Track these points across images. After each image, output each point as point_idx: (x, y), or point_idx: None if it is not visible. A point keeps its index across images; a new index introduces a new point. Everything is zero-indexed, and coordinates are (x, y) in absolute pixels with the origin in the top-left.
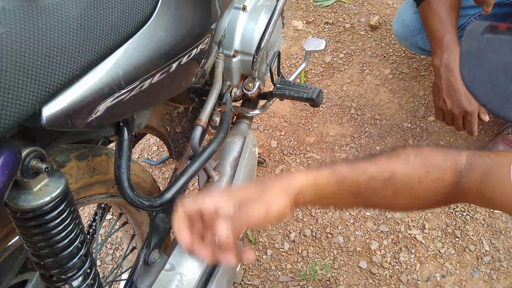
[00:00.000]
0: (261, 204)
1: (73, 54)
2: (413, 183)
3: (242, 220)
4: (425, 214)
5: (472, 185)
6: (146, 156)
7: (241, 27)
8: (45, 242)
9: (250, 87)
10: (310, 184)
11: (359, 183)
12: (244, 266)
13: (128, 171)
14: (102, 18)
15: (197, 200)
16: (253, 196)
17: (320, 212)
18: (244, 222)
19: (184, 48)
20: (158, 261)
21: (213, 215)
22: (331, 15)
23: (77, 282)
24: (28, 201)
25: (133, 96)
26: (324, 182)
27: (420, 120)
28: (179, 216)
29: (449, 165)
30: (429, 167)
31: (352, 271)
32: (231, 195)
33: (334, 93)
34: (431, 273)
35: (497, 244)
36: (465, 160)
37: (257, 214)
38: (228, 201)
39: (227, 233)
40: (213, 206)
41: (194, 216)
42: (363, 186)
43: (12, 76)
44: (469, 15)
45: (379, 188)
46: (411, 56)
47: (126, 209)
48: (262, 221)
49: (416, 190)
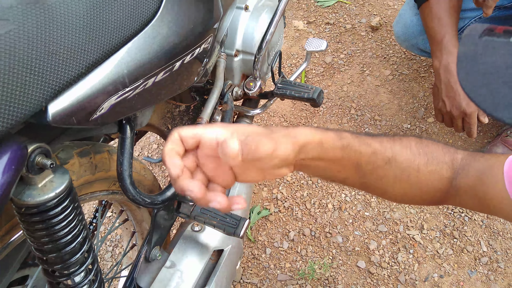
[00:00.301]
0: (269, 141)
1: (79, 52)
2: (411, 170)
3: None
4: (424, 214)
5: (466, 184)
6: (146, 154)
7: (243, 26)
8: (49, 237)
9: (251, 87)
10: (316, 141)
11: (362, 154)
12: (243, 264)
13: (130, 169)
14: (108, 17)
15: (196, 128)
16: (260, 132)
17: (319, 212)
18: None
19: (187, 47)
20: (159, 258)
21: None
22: (332, 16)
23: (79, 277)
24: (32, 197)
25: (137, 94)
26: (330, 143)
27: (420, 121)
28: (172, 140)
29: (447, 160)
30: (429, 157)
31: (351, 270)
32: (236, 128)
33: (334, 94)
34: (429, 273)
35: (495, 245)
36: (461, 158)
37: (265, 148)
38: (233, 134)
39: (236, 148)
40: (215, 136)
41: (189, 144)
42: (365, 158)
43: (19, 73)
44: (469, 18)
45: (379, 165)
46: (411, 58)
47: (127, 206)
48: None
49: (414, 178)
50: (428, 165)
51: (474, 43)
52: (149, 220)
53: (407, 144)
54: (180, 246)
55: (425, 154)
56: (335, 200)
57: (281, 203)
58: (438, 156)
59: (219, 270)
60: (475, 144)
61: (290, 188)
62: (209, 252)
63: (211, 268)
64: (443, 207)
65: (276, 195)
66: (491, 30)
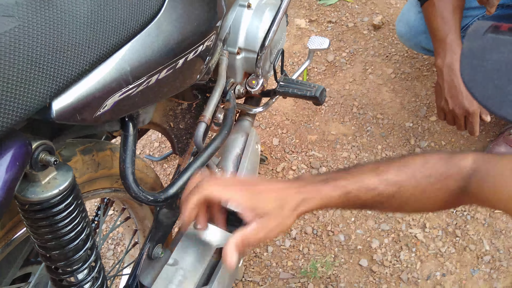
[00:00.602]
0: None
1: (83, 48)
2: (417, 194)
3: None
4: (426, 213)
5: (481, 188)
6: (148, 152)
7: (245, 24)
8: (52, 234)
9: (254, 85)
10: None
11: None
12: (246, 263)
13: (133, 166)
14: (111, 14)
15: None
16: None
17: (321, 210)
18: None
19: (190, 45)
20: (161, 255)
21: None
22: (334, 14)
23: (82, 275)
24: (36, 194)
25: (140, 92)
26: (328, 198)
27: (422, 120)
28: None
29: (453, 173)
30: (435, 176)
31: (353, 269)
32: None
33: (336, 92)
34: (431, 271)
35: (497, 243)
36: (470, 164)
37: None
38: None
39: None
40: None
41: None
42: (369, 201)
43: (24, 70)
44: (472, 16)
45: (385, 201)
46: (413, 56)
47: (129, 204)
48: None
49: (421, 199)
50: (434, 184)
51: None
52: (151, 218)
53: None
54: (182, 244)
55: (430, 176)
56: None
57: None
58: (443, 173)
59: (221, 269)
60: (478, 143)
61: None
62: (211, 250)
63: (213, 266)
64: None
65: None
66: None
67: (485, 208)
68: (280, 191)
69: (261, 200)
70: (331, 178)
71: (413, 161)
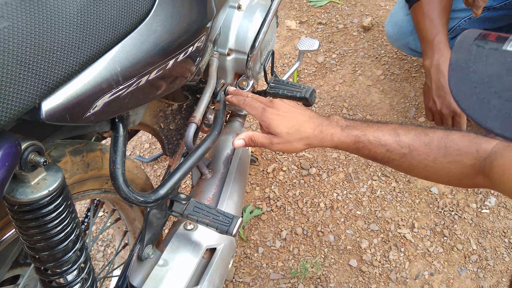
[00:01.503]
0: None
1: (73, 49)
2: (427, 162)
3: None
4: (415, 213)
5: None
6: (138, 154)
7: (236, 25)
8: (41, 235)
9: (244, 86)
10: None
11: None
12: (236, 264)
13: (123, 167)
14: (101, 14)
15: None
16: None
17: (311, 211)
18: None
19: (180, 46)
20: (152, 256)
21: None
22: (324, 16)
23: (72, 276)
24: (25, 194)
25: (130, 92)
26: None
27: (411, 120)
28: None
29: (471, 151)
30: (450, 149)
31: (343, 269)
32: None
33: (326, 93)
34: (419, 271)
35: (484, 243)
36: (492, 147)
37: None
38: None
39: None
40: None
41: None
42: (379, 155)
43: (13, 70)
44: (459, 18)
45: (395, 158)
46: (402, 58)
47: (119, 205)
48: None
49: (431, 168)
50: (447, 157)
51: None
52: (141, 219)
53: (429, 141)
54: (172, 245)
55: (445, 147)
56: (327, 199)
57: (273, 202)
58: (461, 147)
59: (212, 269)
60: None
61: (283, 187)
62: (201, 251)
63: (203, 267)
64: (434, 206)
65: (268, 194)
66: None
67: (471, 208)
68: (300, 123)
69: (279, 123)
70: (351, 126)
71: (433, 133)
